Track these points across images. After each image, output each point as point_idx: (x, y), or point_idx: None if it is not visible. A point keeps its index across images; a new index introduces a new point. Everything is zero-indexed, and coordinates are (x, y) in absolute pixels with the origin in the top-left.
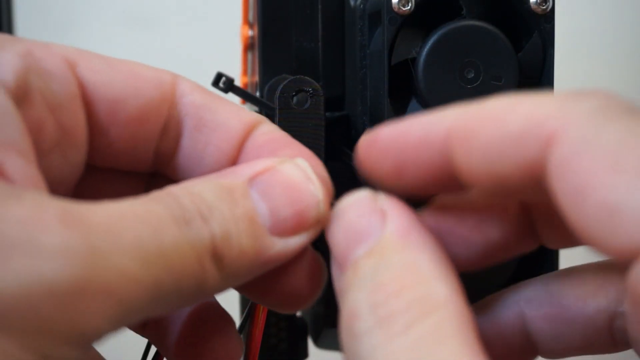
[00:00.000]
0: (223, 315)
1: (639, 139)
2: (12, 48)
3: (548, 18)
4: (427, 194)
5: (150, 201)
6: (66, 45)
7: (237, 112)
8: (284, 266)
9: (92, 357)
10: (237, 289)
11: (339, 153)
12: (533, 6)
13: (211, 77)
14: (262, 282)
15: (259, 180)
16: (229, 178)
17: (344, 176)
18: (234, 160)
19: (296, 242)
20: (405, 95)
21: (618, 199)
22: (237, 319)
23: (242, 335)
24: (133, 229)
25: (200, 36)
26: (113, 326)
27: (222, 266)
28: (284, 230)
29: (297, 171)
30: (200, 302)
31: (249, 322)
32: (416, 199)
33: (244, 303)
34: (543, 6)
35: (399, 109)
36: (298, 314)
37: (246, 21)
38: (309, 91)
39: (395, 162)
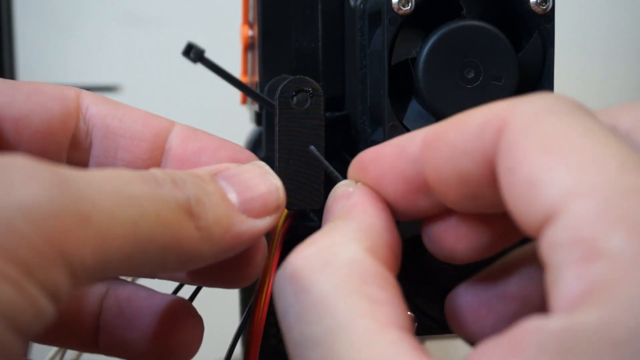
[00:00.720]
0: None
1: (572, 128)
2: None
3: (548, 18)
4: (410, 211)
5: (118, 170)
6: None
7: (144, 118)
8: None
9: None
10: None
11: (338, 153)
12: (533, 6)
13: (211, 76)
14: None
15: (223, 174)
16: (195, 170)
17: (344, 176)
18: (151, 163)
19: (263, 223)
20: (406, 95)
21: (539, 175)
22: (237, 319)
23: (242, 336)
24: (102, 177)
25: (200, 36)
26: (97, 262)
27: (200, 226)
28: (251, 210)
29: (256, 167)
30: (183, 270)
31: (249, 322)
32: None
33: (244, 303)
34: (543, 6)
35: (399, 109)
36: None
37: (246, 21)
38: (309, 91)
39: (375, 174)
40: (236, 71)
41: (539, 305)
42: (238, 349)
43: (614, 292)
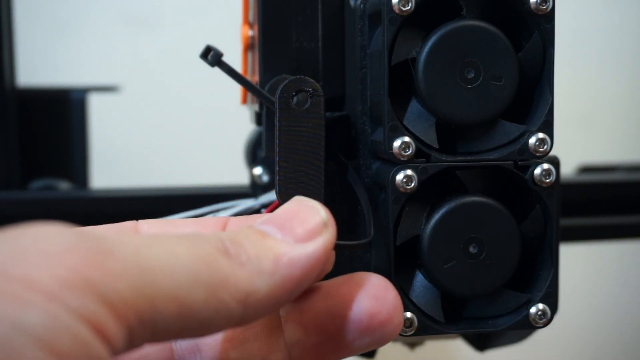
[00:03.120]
0: None
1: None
2: None
3: (548, 18)
4: None
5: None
6: None
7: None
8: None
9: None
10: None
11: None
12: (533, 6)
13: (211, 76)
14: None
15: (258, 220)
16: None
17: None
18: None
19: (315, 246)
20: (406, 95)
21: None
22: None
23: None
24: (125, 236)
25: (200, 36)
26: (138, 297)
27: (242, 262)
28: (296, 236)
29: (291, 201)
30: (254, 315)
31: None
32: None
33: None
34: (543, 6)
35: (399, 109)
36: None
37: (246, 21)
38: (309, 91)
39: None
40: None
41: None
42: None
43: None
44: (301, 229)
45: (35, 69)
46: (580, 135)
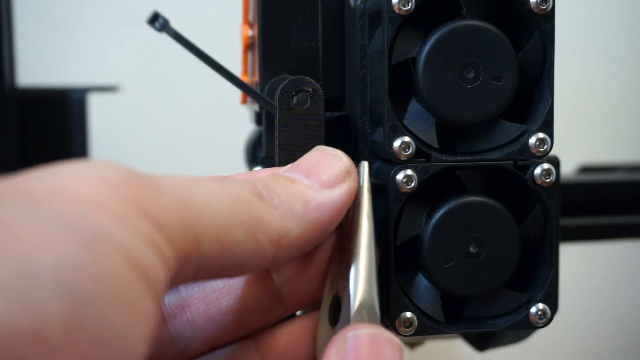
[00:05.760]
0: None
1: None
2: None
3: (548, 18)
4: None
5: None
6: None
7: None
8: None
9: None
10: None
11: None
12: (533, 6)
13: (211, 76)
14: None
15: (284, 168)
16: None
17: None
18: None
19: (340, 191)
20: (406, 95)
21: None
22: None
23: None
24: (172, 177)
25: (200, 36)
26: (186, 231)
27: (275, 205)
28: (322, 182)
29: (313, 150)
30: (286, 254)
31: None
32: None
33: None
34: (543, 6)
35: (399, 109)
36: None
37: (246, 21)
38: (309, 91)
39: None
40: (236, 71)
41: None
42: None
43: None
44: (327, 175)
45: (35, 69)
46: (580, 135)
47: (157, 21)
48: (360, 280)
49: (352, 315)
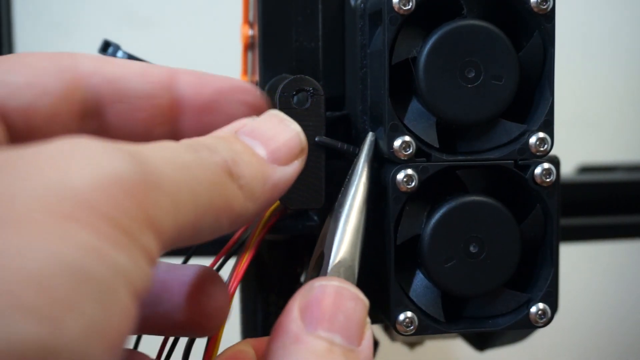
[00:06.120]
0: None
1: None
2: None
3: (548, 17)
4: None
5: (158, 142)
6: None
7: (145, 72)
8: None
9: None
10: None
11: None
12: (533, 5)
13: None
14: None
15: (244, 130)
16: (217, 132)
17: (345, 175)
18: (169, 118)
19: (292, 169)
20: (406, 94)
21: None
22: (236, 321)
23: None
24: (155, 149)
25: (200, 36)
26: (173, 228)
27: (241, 185)
28: (279, 159)
29: (271, 116)
30: (232, 230)
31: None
32: None
33: (245, 302)
34: (543, 5)
35: (400, 109)
36: None
37: (246, 20)
38: (309, 90)
39: None
40: (236, 71)
41: None
42: None
43: None
44: (284, 150)
45: None
46: (580, 135)
47: (108, 49)
48: (345, 240)
49: (329, 270)
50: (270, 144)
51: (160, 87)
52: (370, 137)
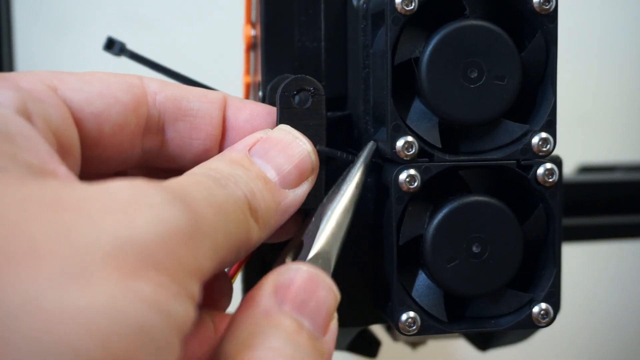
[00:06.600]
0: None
1: None
2: (3, 84)
3: (551, 18)
4: None
5: (192, 175)
6: (38, 71)
7: (204, 95)
8: None
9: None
10: None
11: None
12: (536, 6)
13: (211, 77)
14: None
15: (256, 149)
16: (232, 153)
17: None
18: (219, 137)
19: (302, 190)
20: (408, 94)
21: None
22: None
23: None
24: (193, 185)
25: (202, 36)
26: (211, 269)
27: (258, 218)
28: (290, 182)
29: (284, 133)
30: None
31: None
32: None
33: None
34: (546, 6)
35: (402, 109)
36: None
37: (249, 21)
38: (310, 90)
39: None
40: (239, 71)
41: None
42: None
43: None
44: (295, 174)
45: (34, 69)
46: (580, 135)
47: (113, 46)
48: (328, 234)
49: (308, 258)
50: (282, 167)
51: (217, 107)
52: (370, 145)
